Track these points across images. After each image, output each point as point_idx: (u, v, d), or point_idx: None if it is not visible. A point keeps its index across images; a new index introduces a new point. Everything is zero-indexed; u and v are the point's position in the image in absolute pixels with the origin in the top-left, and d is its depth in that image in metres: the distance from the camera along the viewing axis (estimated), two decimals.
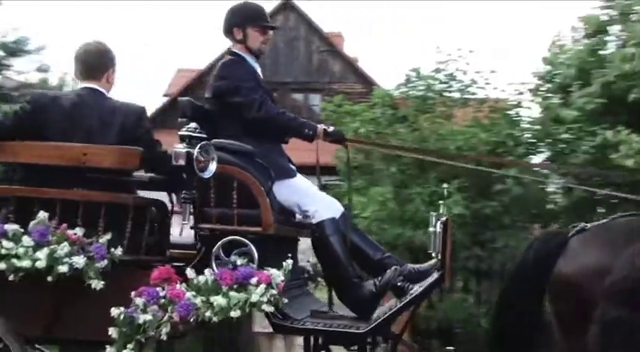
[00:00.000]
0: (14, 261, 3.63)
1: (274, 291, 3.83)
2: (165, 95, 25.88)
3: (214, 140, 4.16)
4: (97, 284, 3.71)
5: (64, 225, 3.78)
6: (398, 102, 11.45)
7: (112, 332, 3.67)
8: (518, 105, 10.90)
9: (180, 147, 3.88)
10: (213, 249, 4.03)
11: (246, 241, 4.06)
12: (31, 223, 3.73)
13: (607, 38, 10.44)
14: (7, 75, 16.82)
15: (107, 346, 3.71)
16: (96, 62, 4.41)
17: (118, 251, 3.76)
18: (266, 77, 15.37)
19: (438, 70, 11.10)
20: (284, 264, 3.96)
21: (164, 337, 3.68)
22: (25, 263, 3.62)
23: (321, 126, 4.67)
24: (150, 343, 3.76)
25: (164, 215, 4.28)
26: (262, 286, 3.81)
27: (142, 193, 4.36)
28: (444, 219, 4.26)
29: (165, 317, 3.68)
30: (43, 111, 4.16)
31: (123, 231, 3.93)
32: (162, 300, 3.70)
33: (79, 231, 3.76)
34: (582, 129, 9.58)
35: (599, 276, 3.83)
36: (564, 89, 10.25)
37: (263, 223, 4.16)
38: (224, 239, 4.06)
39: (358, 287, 4.26)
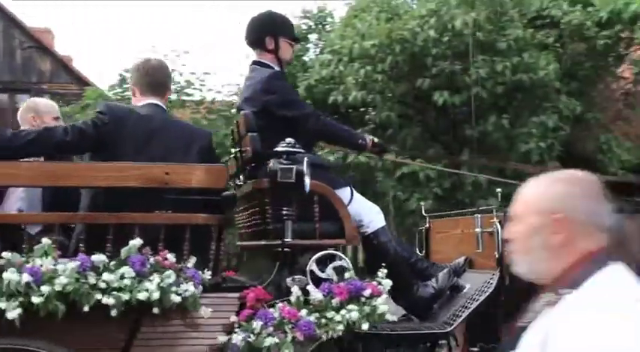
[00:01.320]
0: (121, 294, 3.36)
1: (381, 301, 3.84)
2: None
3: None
4: (206, 312, 3.58)
5: (165, 252, 3.54)
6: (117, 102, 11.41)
7: None
8: (233, 105, 11.15)
9: (284, 163, 3.83)
10: (308, 264, 3.91)
11: (341, 254, 4.01)
12: (123, 251, 3.44)
13: (308, 45, 11.53)
14: None
15: None
16: (162, 79, 4.27)
17: (207, 274, 3.64)
18: None
19: None
20: (379, 273, 3.95)
21: None
22: (131, 295, 3.36)
23: (370, 137, 4.65)
24: None
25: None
26: (384, 297, 3.77)
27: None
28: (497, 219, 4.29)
29: (289, 338, 3.62)
30: (121, 124, 3.91)
31: (206, 253, 3.80)
32: (277, 321, 3.61)
33: (171, 257, 3.53)
34: None
35: None
36: None
37: (347, 235, 4.14)
38: (318, 253, 3.94)
39: (417, 289, 4.30)
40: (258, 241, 4.29)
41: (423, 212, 5.10)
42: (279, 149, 3.92)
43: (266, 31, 4.63)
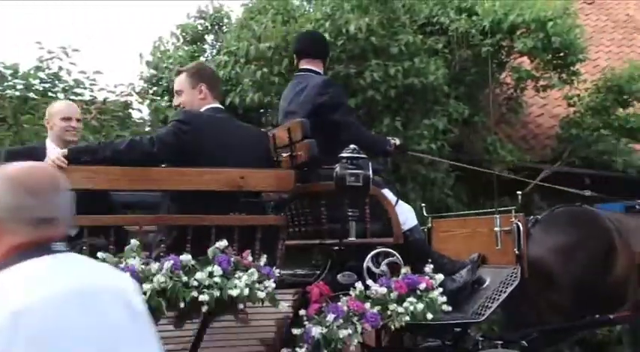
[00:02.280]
0: (213, 291, 3.60)
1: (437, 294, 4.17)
2: None
3: None
4: (284, 306, 3.88)
5: (247, 252, 3.81)
6: None
7: (291, 351, 3.89)
8: (128, 106, 11.17)
9: (352, 168, 4.12)
10: (365, 261, 4.24)
11: (394, 252, 4.31)
12: (209, 251, 3.70)
13: (205, 46, 11.51)
14: None
15: None
16: (218, 83, 4.51)
17: (276, 272, 3.85)
18: None
19: (39, 68, 10.71)
20: (426, 268, 4.28)
21: (353, 348, 3.91)
22: (222, 292, 3.62)
23: (393, 141, 4.88)
24: None
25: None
26: (439, 290, 4.08)
27: None
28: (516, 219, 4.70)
29: (359, 329, 3.91)
30: (200, 133, 4.08)
31: (274, 251, 4.04)
32: (346, 314, 3.92)
33: (248, 257, 3.79)
34: None
35: None
36: (170, 91, 10.54)
37: (394, 235, 4.43)
38: (373, 251, 4.29)
39: (447, 282, 4.47)
40: (308, 240, 4.52)
41: (424, 213, 5.35)
42: (344, 155, 4.21)
43: (325, 50, 5.17)
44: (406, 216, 4.67)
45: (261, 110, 9.99)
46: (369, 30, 9.26)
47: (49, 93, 10.78)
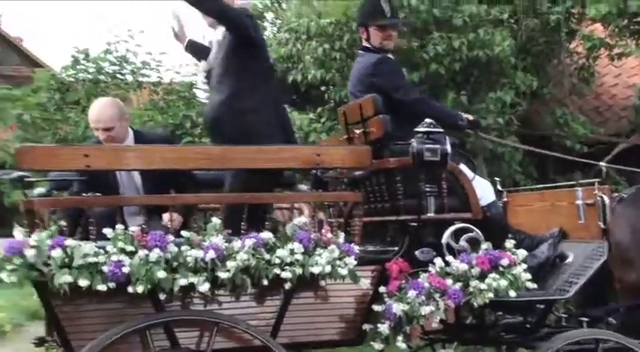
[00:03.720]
0: (295, 268, 3.66)
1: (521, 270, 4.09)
2: None
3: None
4: (365, 283, 3.90)
5: (327, 228, 3.84)
6: (71, 84, 11.19)
7: (372, 327, 3.92)
8: (192, 86, 11.27)
9: (429, 143, 4.10)
10: (444, 237, 4.20)
11: (473, 227, 4.25)
12: (288, 228, 3.76)
13: (265, 24, 11.44)
14: None
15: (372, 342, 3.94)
16: None
17: (356, 249, 3.85)
18: None
19: (108, 52, 11.13)
20: (507, 243, 4.20)
21: (436, 325, 3.99)
22: (304, 269, 3.67)
23: (466, 116, 4.83)
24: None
25: None
26: (524, 266, 4.03)
27: None
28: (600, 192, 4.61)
29: (441, 305, 3.91)
30: None
31: (350, 228, 4.07)
32: (427, 291, 3.90)
33: (327, 234, 3.80)
34: None
35: None
36: None
37: (473, 210, 4.39)
38: (452, 227, 4.23)
39: (527, 258, 4.32)
40: (383, 216, 4.47)
41: (499, 187, 5.22)
42: (420, 129, 4.17)
43: (359, 21, 5.02)
44: (484, 190, 4.61)
45: (323, 87, 9.84)
46: (431, 1, 9.15)
47: (118, 76, 11.16)
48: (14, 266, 3.39)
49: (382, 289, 3.99)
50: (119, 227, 3.60)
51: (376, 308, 3.96)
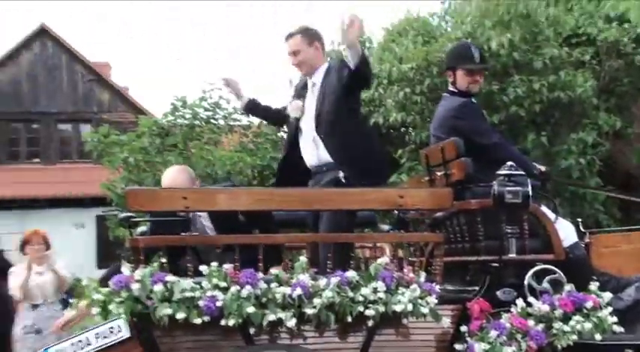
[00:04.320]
0: (378, 306, 3.69)
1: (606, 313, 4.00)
2: None
3: None
4: (446, 322, 3.89)
5: (409, 268, 3.87)
6: (170, 129, 11.68)
7: None
8: (280, 129, 11.10)
9: (511, 186, 4.10)
10: (526, 278, 4.12)
11: (556, 269, 4.17)
12: (372, 268, 3.77)
13: None
14: None
15: None
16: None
17: (437, 288, 3.85)
18: (25, 108, 15.29)
19: (203, 99, 11.55)
20: (592, 286, 4.11)
21: None
22: (386, 307, 3.69)
23: (539, 166, 4.80)
24: None
25: None
26: (609, 309, 4.00)
27: None
28: None
29: (524, 347, 3.85)
30: None
31: (434, 268, 4.08)
32: (509, 331, 3.87)
33: (409, 273, 3.82)
34: None
35: None
36: None
37: (555, 251, 4.30)
38: (534, 268, 4.16)
39: (613, 300, 4.21)
40: (464, 257, 4.49)
41: (581, 228, 5.09)
42: (503, 172, 4.19)
43: (447, 64, 5.00)
44: (566, 232, 4.52)
45: (403, 129, 10.04)
46: (512, 45, 9.21)
47: (212, 121, 11.57)
48: (122, 298, 3.59)
49: (463, 328, 4.00)
50: (214, 264, 3.73)
51: (458, 347, 3.96)
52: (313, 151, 4.67)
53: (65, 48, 24.00)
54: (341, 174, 4.41)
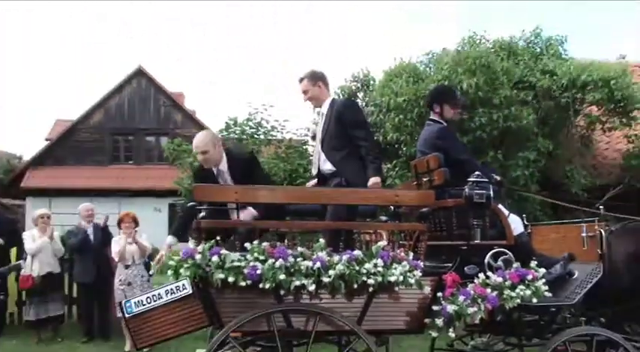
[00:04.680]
0: (377, 277, 3.63)
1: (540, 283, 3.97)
2: (46, 139, 24.50)
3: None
4: (427, 289, 3.84)
5: (401, 249, 3.85)
6: (224, 142, 11.70)
7: (430, 321, 3.83)
8: (305, 143, 11.66)
9: (478, 190, 4.09)
10: (487, 258, 4.10)
11: (507, 251, 4.16)
12: (373, 248, 3.74)
13: (357, 100, 11.24)
14: None
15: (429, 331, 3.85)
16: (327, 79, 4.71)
17: (421, 264, 3.82)
18: (126, 124, 15.43)
19: (249, 119, 11.44)
20: (532, 263, 4.06)
21: (477, 321, 3.83)
22: (383, 278, 3.64)
23: (496, 176, 4.61)
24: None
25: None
26: (542, 280, 3.94)
27: None
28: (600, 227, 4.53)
29: (482, 307, 3.83)
30: None
31: (419, 249, 4.03)
32: (472, 296, 3.83)
33: (401, 253, 3.79)
34: None
35: None
36: None
37: (508, 238, 4.28)
38: (492, 250, 4.13)
39: (545, 274, 4.17)
40: (441, 241, 4.41)
41: (525, 222, 5.03)
42: (472, 179, 4.17)
43: (434, 99, 4.92)
44: (516, 224, 4.51)
45: (396, 145, 9.80)
46: (477, 87, 9.06)
47: (255, 136, 11.37)
48: (188, 264, 3.49)
49: (439, 294, 3.92)
50: (255, 242, 3.65)
51: (435, 308, 3.89)
52: (317, 162, 4.65)
53: (153, 82, 24.29)
54: (342, 180, 4.34)
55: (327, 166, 4.53)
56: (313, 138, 4.96)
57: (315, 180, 4.74)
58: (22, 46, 58.66)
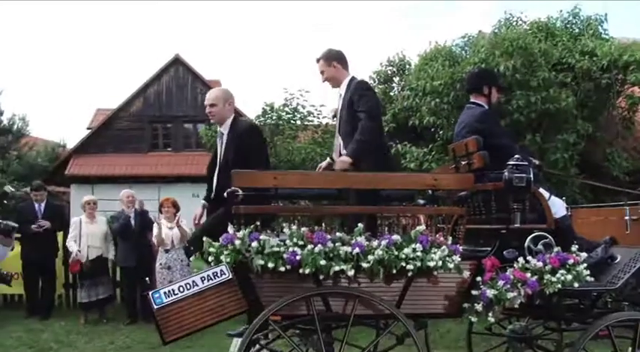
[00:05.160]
0: (416, 262, 3.57)
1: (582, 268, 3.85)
2: (88, 128, 24.98)
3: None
4: (465, 273, 3.76)
5: (440, 234, 3.77)
6: (261, 127, 11.66)
7: (469, 305, 3.77)
8: None
9: (518, 173, 3.96)
10: (527, 242, 3.99)
11: (548, 235, 4.04)
12: (412, 233, 3.65)
13: (393, 85, 11.41)
14: None
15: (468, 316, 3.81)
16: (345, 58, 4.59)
17: (460, 249, 3.74)
18: (164, 112, 15.72)
19: (285, 105, 11.40)
20: (573, 247, 3.95)
21: (517, 305, 3.74)
22: (422, 263, 3.56)
23: (534, 161, 4.53)
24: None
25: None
26: (584, 265, 3.84)
27: None
28: None
29: (522, 292, 3.74)
30: None
31: (458, 233, 4.04)
32: (512, 281, 3.75)
33: (440, 237, 3.70)
34: None
35: None
36: None
37: (548, 222, 4.16)
38: (533, 234, 4.01)
39: (588, 258, 4.07)
40: (480, 225, 4.31)
41: (565, 205, 4.83)
42: (511, 162, 4.04)
43: (483, 81, 4.75)
44: (557, 207, 4.38)
45: (432, 129, 9.72)
46: (514, 69, 8.86)
47: (292, 121, 11.35)
48: (228, 251, 3.49)
49: (478, 279, 3.85)
50: (294, 227, 3.62)
51: (474, 292, 3.82)
52: (338, 148, 4.57)
53: (190, 70, 24.42)
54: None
55: (342, 150, 4.44)
56: (335, 117, 4.81)
57: (326, 162, 4.65)
58: (64, 39, 59.73)
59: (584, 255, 3.95)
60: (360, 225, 3.67)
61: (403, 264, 3.55)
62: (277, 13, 60.39)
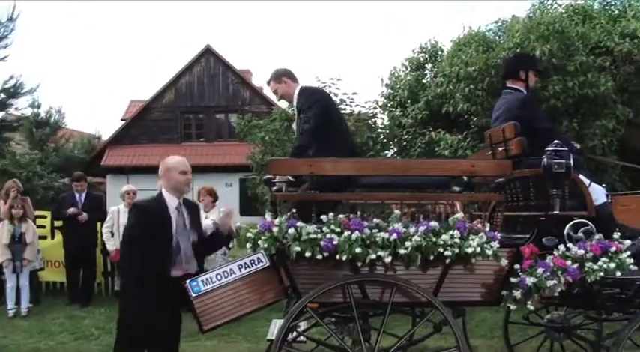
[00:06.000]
0: (454, 249, 3.55)
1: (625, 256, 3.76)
2: (122, 119, 25.42)
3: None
4: (504, 261, 3.70)
5: (477, 221, 3.73)
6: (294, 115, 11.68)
7: (508, 293, 3.71)
8: (374, 116, 11.51)
9: (557, 159, 3.86)
10: (566, 229, 3.91)
11: (588, 222, 3.96)
12: (450, 220, 3.64)
13: (425, 72, 11.28)
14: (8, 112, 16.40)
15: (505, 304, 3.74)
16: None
17: (498, 235, 3.68)
18: (195, 103, 15.83)
19: None
20: (615, 235, 3.86)
21: (556, 293, 3.66)
22: (460, 250, 3.55)
23: (576, 145, 4.53)
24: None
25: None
26: (627, 253, 3.76)
27: None
28: None
29: (562, 280, 3.66)
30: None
31: (495, 220, 3.98)
32: (552, 268, 3.67)
33: (478, 224, 3.66)
34: (416, 132, 10.30)
35: None
36: (402, 105, 10.94)
37: (588, 209, 4.07)
38: (573, 221, 3.93)
39: (631, 246, 3.94)
40: (519, 212, 4.26)
41: (605, 191, 4.67)
42: (550, 148, 3.93)
43: (520, 66, 4.66)
44: (597, 194, 4.27)
45: (467, 116, 9.54)
46: (550, 54, 8.64)
47: None
48: (266, 237, 3.51)
49: (516, 266, 3.78)
50: (331, 215, 3.62)
51: (512, 280, 3.75)
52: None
53: (221, 61, 24.57)
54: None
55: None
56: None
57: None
58: (98, 32, 60.64)
59: (627, 242, 3.85)
60: (396, 211, 3.65)
61: (441, 250, 3.52)
62: (308, 2, 60.20)
